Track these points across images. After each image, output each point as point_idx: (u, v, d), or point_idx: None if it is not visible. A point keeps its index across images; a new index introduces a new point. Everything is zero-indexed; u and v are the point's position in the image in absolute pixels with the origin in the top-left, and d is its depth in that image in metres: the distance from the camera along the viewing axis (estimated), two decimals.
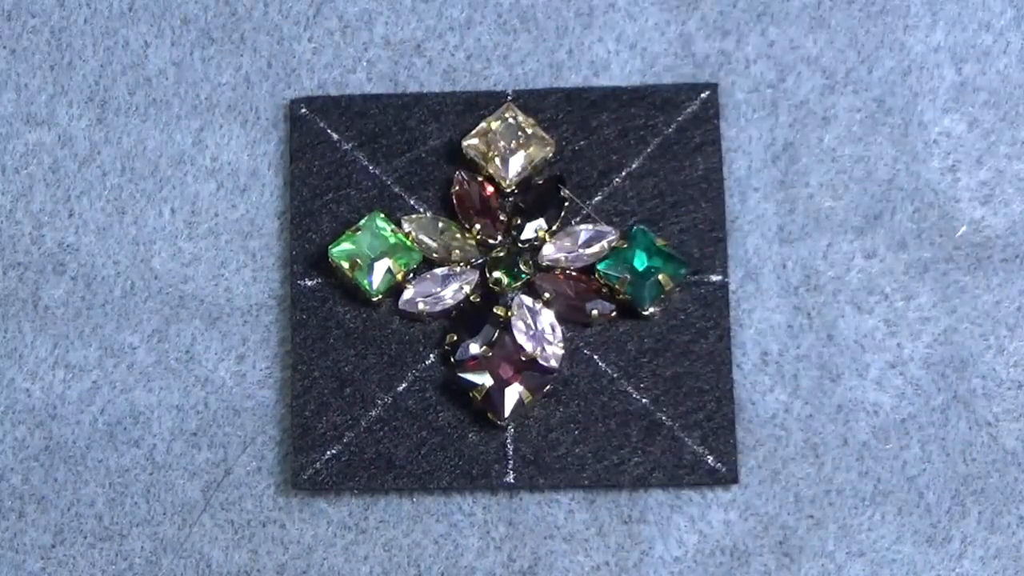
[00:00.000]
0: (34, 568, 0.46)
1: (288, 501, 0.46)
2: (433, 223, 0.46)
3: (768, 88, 0.47)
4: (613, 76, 0.48)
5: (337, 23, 0.48)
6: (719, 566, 0.45)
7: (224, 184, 0.48)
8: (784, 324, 0.46)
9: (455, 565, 0.45)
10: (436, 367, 0.46)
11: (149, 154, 0.48)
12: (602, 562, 0.45)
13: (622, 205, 0.46)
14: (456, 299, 0.46)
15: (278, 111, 0.48)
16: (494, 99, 0.47)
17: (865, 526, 0.45)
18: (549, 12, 0.48)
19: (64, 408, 0.47)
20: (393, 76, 0.48)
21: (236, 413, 0.46)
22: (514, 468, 0.45)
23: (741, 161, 0.47)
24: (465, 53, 0.48)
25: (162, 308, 0.47)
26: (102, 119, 0.48)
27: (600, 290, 0.46)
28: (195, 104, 0.48)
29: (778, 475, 0.45)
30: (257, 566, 0.46)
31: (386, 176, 0.47)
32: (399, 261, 0.46)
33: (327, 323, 0.46)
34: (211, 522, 0.46)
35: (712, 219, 0.46)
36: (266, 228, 0.47)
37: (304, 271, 0.46)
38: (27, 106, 0.48)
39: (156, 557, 0.46)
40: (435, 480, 0.45)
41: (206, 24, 0.48)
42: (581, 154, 0.47)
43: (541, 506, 0.46)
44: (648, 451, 0.45)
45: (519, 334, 0.45)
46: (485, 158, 0.46)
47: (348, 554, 0.46)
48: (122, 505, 0.46)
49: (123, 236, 0.47)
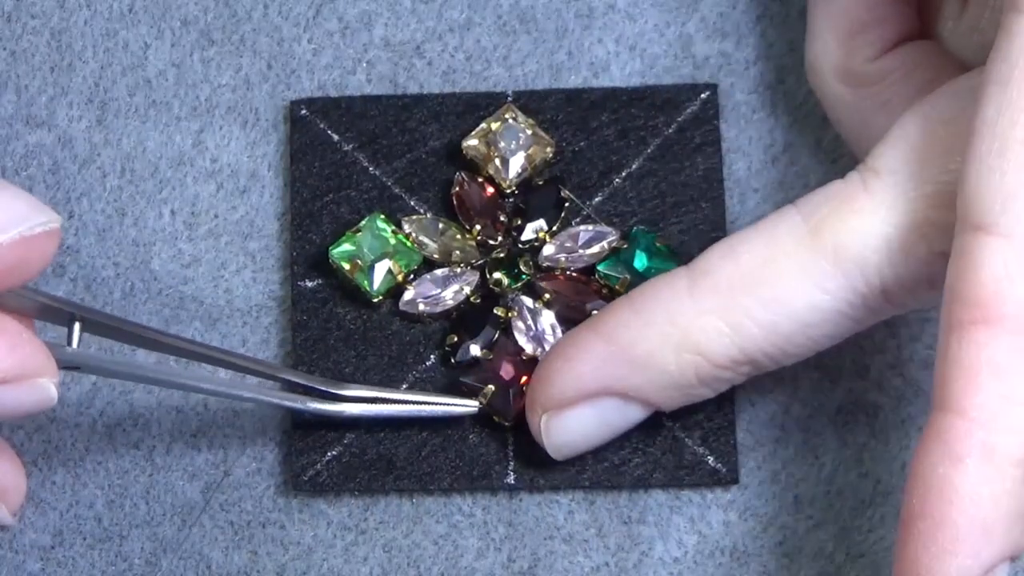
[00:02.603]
0: (34, 569, 0.46)
1: (288, 502, 0.46)
2: (433, 224, 0.46)
3: (768, 89, 0.47)
4: (613, 77, 0.48)
5: (337, 24, 0.48)
6: (719, 567, 0.45)
7: (224, 185, 0.48)
8: None
9: (455, 566, 0.45)
10: (436, 368, 0.46)
11: (149, 155, 0.48)
12: (602, 563, 0.45)
13: (622, 206, 0.46)
14: (456, 300, 0.46)
15: (278, 112, 0.48)
16: (494, 100, 0.47)
17: (865, 527, 0.45)
18: (549, 13, 0.48)
19: (63, 410, 0.47)
20: (393, 77, 0.48)
21: (236, 414, 0.46)
22: (514, 469, 0.45)
23: (741, 162, 0.47)
24: (465, 54, 0.48)
25: (162, 310, 0.47)
26: (102, 120, 0.48)
27: (600, 291, 0.46)
28: (195, 105, 0.48)
29: (778, 476, 0.45)
30: (257, 567, 0.46)
31: (386, 177, 0.47)
32: (399, 262, 0.46)
33: (327, 324, 0.46)
34: (211, 523, 0.46)
35: (712, 220, 0.46)
36: (266, 229, 0.47)
37: (304, 272, 0.46)
38: (27, 107, 0.48)
39: (156, 558, 0.46)
40: (435, 481, 0.45)
41: (206, 26, 0.49)
42: (581, 155, 0.47)
43: (541, 507, 0.46)
44: (648, 452, 0.45)
45: (519, 335, 0.45)
46: (485, 159, 0.46)
47: (348, 555, 0.46)
48: (121, 506, 0.46)
49: (123, 238, 0.47)
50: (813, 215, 0.40)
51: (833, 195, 0.40)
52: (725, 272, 0.40)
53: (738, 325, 0.40)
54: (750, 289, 0.40)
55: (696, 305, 0.40)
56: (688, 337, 0.40)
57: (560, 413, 0.42)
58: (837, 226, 0.39)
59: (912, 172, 0.39)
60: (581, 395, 0.42)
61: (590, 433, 0.43)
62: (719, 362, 0.41)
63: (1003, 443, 0.36)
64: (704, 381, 0.41)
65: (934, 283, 0.38)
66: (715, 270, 0.40)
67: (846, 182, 0.40)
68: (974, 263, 0.36)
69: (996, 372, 0.36)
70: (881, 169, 0.39)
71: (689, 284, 0.41)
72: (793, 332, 0.40)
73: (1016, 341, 0.36)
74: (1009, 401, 0.36)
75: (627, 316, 0.41)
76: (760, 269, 0.40)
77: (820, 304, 0.39)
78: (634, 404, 0.42)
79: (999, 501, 0.36)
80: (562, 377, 0.42)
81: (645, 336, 0.41)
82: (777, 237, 0.40)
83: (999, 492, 0.36)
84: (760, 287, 0.40)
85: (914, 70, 0.43)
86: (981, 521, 0.36)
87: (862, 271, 0.39)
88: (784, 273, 0.39)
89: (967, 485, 0.36)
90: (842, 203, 0.39)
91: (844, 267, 0.39)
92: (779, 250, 0.40)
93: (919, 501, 0.36)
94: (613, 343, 0.41)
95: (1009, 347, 0.36)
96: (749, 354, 0.40)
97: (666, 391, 0.42)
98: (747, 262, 0.40)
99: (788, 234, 0.40)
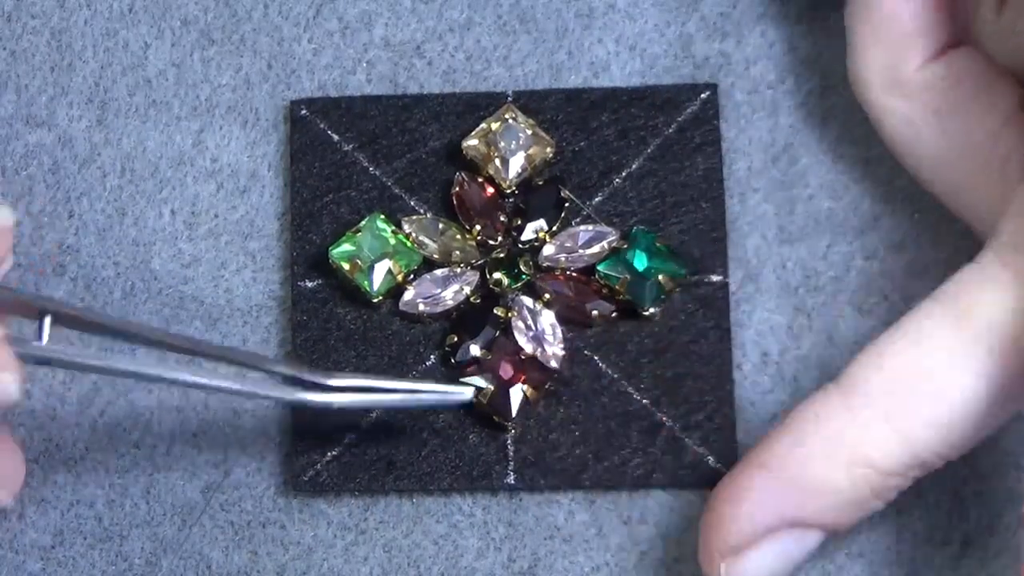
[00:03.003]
0: (34, 569, 0.46)
1: (288, 502, 0.46)
2: (433, 224, 0.46)
3: (768, 89, 0.47)
4: (613, 77, 0.48)
5: (337, 24, 0.48)
6: None
7: (224, 185, 0.48)
8: (784, 325, 0.46)
9: (455, 566, 0.45)
10: (436, 368, 0.46)
11: (149, 155, 0.48)
12: (602, 563, 0.45)
13: (622, 206, 0.46)
14: (456, 300, 0.46)
15: (278, 112, 0.48)
16: (494, 100, 0.47)
17: (865, 527, 0.45)
18: (549, 13, 0.48)
19: (64, 410, 0.47)
20: (393, 77, 0.48)
21: (236, 414, 0.46)
22: (515, 469, 0.45)
23: (741, 162, 0.47)
24: (465, 54, 0.48)
25: (162, 309, 0.47)
26: (102, 120, 0.48)
27: (600, 291, 0.46)
28: (195, 105, 0.48)
29: None
30: (257, 567, 0.46)
31: (386, 177, 0.47)
32: (399, 262, 0.46)
33: (327, 324, 0.46)
34: (211, 523, 0.46)
35: (712, 219, 0.46)
36: (266, 229, 0.47)
37: (304, 272, 0.46)
38: (27, 107, 0.48)
39: (156, 558, 0.46)
40: (436, 482, 0.45)
41: (206, 25, 0.49)
42: (581, 155, 0.47)
43: (541, 507, 0.46)
44: (649, 452, 0.45)
45: (519, 335, 0.45)
46: (485, 159, 0.46)
47: (348, 555, 0.46)
48: (122, 506, 0.46)
49: (123, 237, 0.47)
50: (956, 303, 0.39)
51: (972, 278, 0.39)
52: (879, 378, 0.40)
53: (904, 428, 0.39)
54: (910, 389, 0.39)
55: (857, 418, 0.40)
56: (856, 452, 0.40)
57: (740, 558, 0.41)
58: (984, 307, 0.39)
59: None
60: (758, 534, 0.41)
61: (773, 570, 0.42)
62: (891, 470, 0.40)
63: None
64: (877, 493, 0.41)
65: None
66: (866, 379, 0.40)
67: (982, 265, 0.39)
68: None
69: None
70: (1019, 243, 0.39)
71: (843, 399, 0.40)
72: (959, 425, 0.39)
73: None
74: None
75: (788, 444, 0.41)
76: (915, 367, 0.39)
77: (980, 389, 0.39)
78: (812, 531, 0.41)
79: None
80: (736, 519, 0.41)
81: (812, 461, 0.40)
82: (923, 332, 0.39)
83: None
84: (919, 385, 0.39)
85: (962, 77, 0.43)
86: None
87: (1017, 351, 0.38)
88: (940, 366, 0.39)
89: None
90: (984, 283, 0.39)
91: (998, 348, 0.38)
92: (930, 345, 0.39)
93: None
94: (781, 475, 0.41)
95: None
96: (919, 456, 0.40)
97: (842, 511, 0.41)
98: (899, 364, 0.39)
99: (936, 327, 0.39)
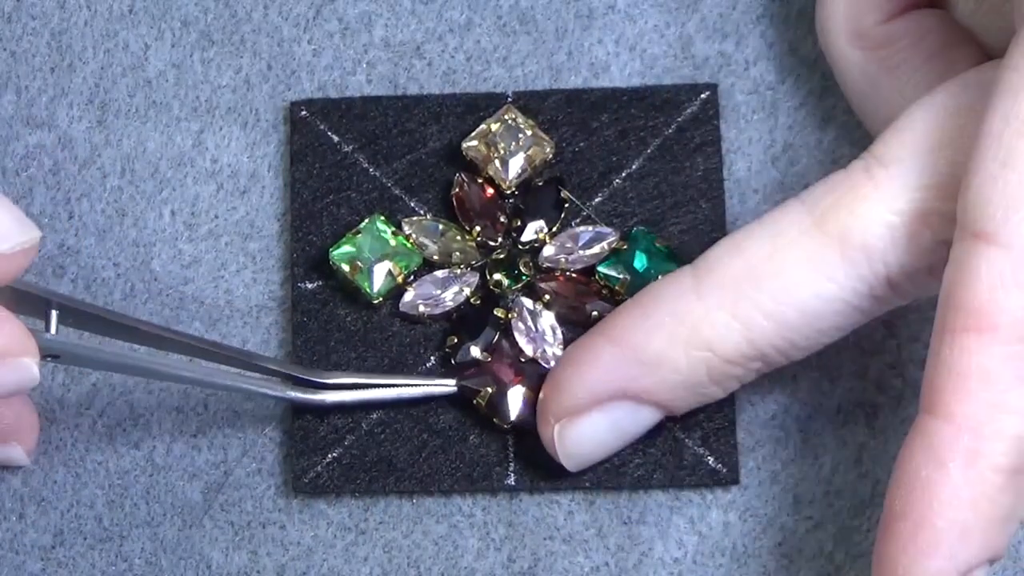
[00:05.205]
0: (34, 569, 0.46)
1: (288, 503, 0.46)
2: (433, 225, 0.46)
3: (768, 90, 0.47)
4: (613, 78, 0.48)
5: (337, 25, 0.48)
6: (718, 567, 0.45)
7: (224, 186, 0.48)
8: None
9: (455, 566, 0.45)
10: (437, 369, 0.46)
11: (149, 156, 0.48)
12: (602, 563, 0.45)
13: (622, 206, 0.46)
14: (456, 301, 0.46)
15: (278, 113, 0.48)
16: (494, 101, 0.47)
17: (864, 527, 0.45)
18: (549, 14, 0.48)
19: (63, 410, 0.47)
20: (393, 78, 0.48)
21: (236, 415, 0.46)
22: (515, 471, 0.45)
23: (741, 162, 0.47)
24: (465, 55, 0.48)
25: (162, 310, 0.47)
26: (102, 121, 0.48)
27: (600, 291, 0.46)
28: (195, 106, 0.48)
29: (777, 476, 0.45)
30: (257, 567, 0.46)
31: (386, 178, 0.47)
32: (400, 263, 0.46)
33: (328, 325, 0.46)
34: (211, 524, 0.46)
35: (712, 220, 0.46)
36: (266, 230, 0.47)
37: (304, 273, 0.46)
38: (27, 108, 0.48)
39: (156, 558, 0.46)
40: (436, 483, 0.45)
41: (206, 26, 0.49)
42: (581, 155, 0.47)
43: (540, 507, 0.46)
44: (648, 452, 0.45)
45: (519, 336, 0.45)
46: (485, 160, 0.46)
47: (348, 555, 0.46)
48: (122, 507, 0.46)
49: (123, 238, 0.47)
50: (817, 205, 0.40)
51: (837, 185, 0.40)
52: (731, 267, 0.40)
53: (747, 318, 0.40)
54: (757, 282, 0.40)
55: (703, 302, 0.40)
56: (697, 334, 0.40)
57: (573, 421, 0.42)
58: (842, 215, 0.39)
59: (918, 162, 0.39)
60: (593, 401, 0.42)
61: (604, 440, 0.43)
62: (729, 357, 0.41)
63: (987, 450, 0.36)
64: (715, 379, 0.41)
65: (937, 271, 0.38)
66: (720, 266, 0.40)
67: (849, 172, 0.40)
68: (971, 271, 0.36)
69: (986, 380, 0.36)
70: (887, 158, 0.39)
71: (695, 282, 0.41)
72: (801, 323, 0.40)
73: (1007, 350, 0.36)
74: (996, 409, 0.36)
75: (635, 318, 0.41)
76: (766, 262, 0.40)
77: (827, 293, 0.39)
78: (646, 407, 0.42)
79: (979, 506, 0.36)
80: (573, 384, 0.42)
81: (654, 336, 0.41)
82: (781, 229, 0.40)
83: (979, 497, 0.36)
84: (767, 279, 0.40)
85: (924, 36, 0.43)
86: (960, 524, 0.36)
87: (867, 259, 0.39)
88: (790, 264, 0.40)
89: (948, 489, 0.36)
90: (846, 192, 0.39)
91: (850, 255, 0.39)
92: (784, 241, 0.40)
93: (901, 502, 0.36)
94: (623, 346, 0.41)
95: (1000, 356, 0.36)
96: (759, 348, 0.40)
97: (678, 391, 0.42)
98: (752, 256, 0.40)
99: (793, 225, 0.40)
